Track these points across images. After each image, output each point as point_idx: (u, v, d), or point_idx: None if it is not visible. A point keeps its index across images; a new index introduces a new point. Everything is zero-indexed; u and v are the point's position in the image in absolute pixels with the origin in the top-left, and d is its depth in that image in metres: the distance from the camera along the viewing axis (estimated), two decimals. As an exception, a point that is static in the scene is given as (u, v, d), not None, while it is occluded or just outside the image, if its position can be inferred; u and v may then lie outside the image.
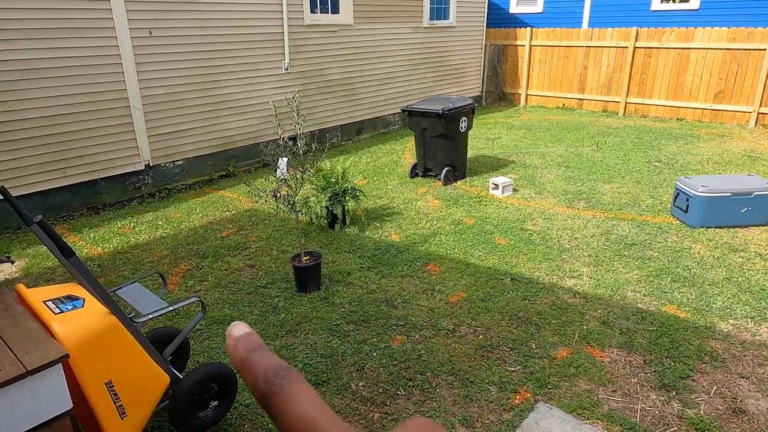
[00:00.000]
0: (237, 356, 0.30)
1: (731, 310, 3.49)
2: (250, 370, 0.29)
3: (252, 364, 0.29)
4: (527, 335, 3.25)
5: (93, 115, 5.42)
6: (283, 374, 0.29)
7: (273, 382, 0.28)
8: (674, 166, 6.76)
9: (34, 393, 1.66)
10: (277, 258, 4.36)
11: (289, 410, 0.27)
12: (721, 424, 2.54)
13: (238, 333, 0.31)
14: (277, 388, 0.28)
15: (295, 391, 0.28)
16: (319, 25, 7.59)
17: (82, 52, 5.22)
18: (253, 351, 0.30)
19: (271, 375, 0.28)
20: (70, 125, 5.26)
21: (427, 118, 5.95)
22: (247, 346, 0.30)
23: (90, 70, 5.30)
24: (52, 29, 4.98)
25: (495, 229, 4.89)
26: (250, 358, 0.29)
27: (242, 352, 0.30)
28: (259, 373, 0.29)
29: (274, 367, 0.29)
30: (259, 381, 0.28)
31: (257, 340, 0.31)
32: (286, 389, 0.28)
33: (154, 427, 2.54)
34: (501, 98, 11.84)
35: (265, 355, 0.30)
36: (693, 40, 9.21)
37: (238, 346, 0.30)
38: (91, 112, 5.40)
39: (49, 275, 4.15)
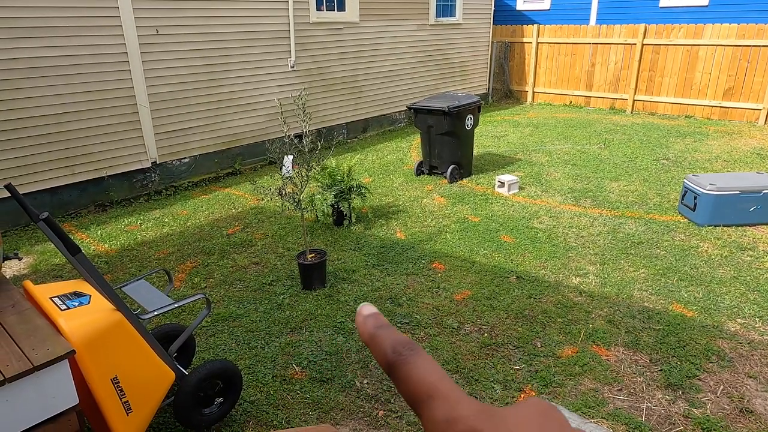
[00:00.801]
0: (366, 332, 0.33)
1: (739, 309, 3.46)
2: (379, 343, 0.32)
3: (381, 338, 0.33)
4: (532, 333, 3.24)
5: (100, 113, 5.45)
6: (409, 347, 0.32)
7: (401, 352, 0.31)
8: (682, 163, 6.71)
9: (40, 388, 1.67)
10: (282, 255, 4.37)
11: (415, 377, 0.30)
12: (728, 423, 2.52)
13: (367, 312, 0.35)
14: (404, 358, 0.31)
15: (420, 361, 0.31)
16: (325, 22, 7.58)
17: (90, 50, 5.25)
18: (381, 327, 0.33)
19: (399, 347, 0.32)
20: (77, 123, 5.30)
21: (433, 116, 5.94)
22: (376, 323, 0.34)
23: (97, 68, 5.33)
24: (60, 27, 5.01)
25: (501, 227, 4.87)
26: (379, 333, 0.33)
27: (371, 328, 0.33)
28: (388, 345, 0.32)
29: (402, 341, 0.32)
30: (388, 352, 0.32)
31: (384, 320, 0.34)
32: (413, 359, 0.31)
33: (159, 423, 2.56)
34: (507, 96, 11.79)
35: (392, 331, 0.33)
36: (702, 37, 9.12)
37: (368, 323, 0.34)
38: (98, 110, 5.43)
39: (56, 272, 4.18)
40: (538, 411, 0.29)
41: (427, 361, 0.31)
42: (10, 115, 4.84)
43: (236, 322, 3.43)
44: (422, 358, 0.31)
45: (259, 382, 2.86)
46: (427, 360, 0.31)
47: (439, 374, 0.30)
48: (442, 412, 0.28)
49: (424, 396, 0.29)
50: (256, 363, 3.02)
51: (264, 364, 3.00)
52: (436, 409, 0.29)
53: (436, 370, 0.31)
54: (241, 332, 3.31)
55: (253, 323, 3.41)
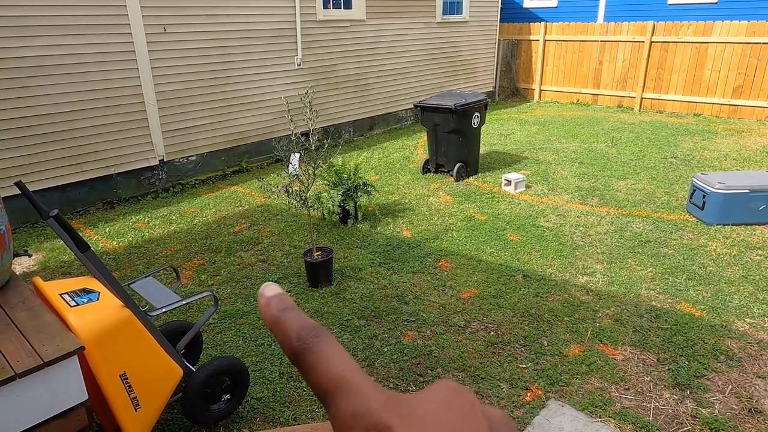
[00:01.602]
0: (269, 315, 0.31)
1: (748, 308, 3.44)
2: (283, 328, 0.30)
3: (284, 323, 0.30)
4: (539, 332, 3.23)
5: (108, 111, 5.48)
6: (315, 333, 0.29)
7: (305, 340, 0.29)
8: (690, 162, 6.66)
9: (50, 384, 1.69)
10: (289, 253, 4.38)
11: (321, 367, 0.28)
12: (736, 424, 2.51)
13: (270, 293, 0.32)
14: (309, 346, 0.29)
15: (326, 348, 0.29)
16: (332, 20, 7.58)
17: (98, 49, 5.28)
18: (286, 310, 0.31)
19: (303, 333, 0.29)
20: (85, 121, 5.33)
21: (440, 114, 5.93)
22: (279, 305, 0.31)
23: (105, 66, 5.36)
24: (68, 26, 5.04)
25: (507, 225, 4.86)
26: (283, 317, 0.30)
27: (275, 311, 0.31)
28: (292, 331, 0.29)
29: (307, 327, 0.30)
30: (292, 339, 0.29)
31: (289, 301, 0.31)
32: (318, 347, 0.29)
33: (167, 419, 2.58)
34: (514, 94, 11.74)
35: (297, 315, 0.30)
36: (711, 34, 9.04)
37: (271, 305, 0.31)
38: (106, 107, 5.46)
39: (65, 269, 4.21)
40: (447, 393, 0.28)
41: (335, 349, 0.29)
42: (19, 113, 4.88)
43: (243, 319, 3.45)
44: (329, 345, 0.29)
45: (265, 379, 2.87)
46: (335, 348, 0.29)
47: (346, 364, 0.28)
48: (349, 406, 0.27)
49: (331, 388, 0.27)
50: (262, 360, 3.03)
51: (271, 361, 3.02)
52: (343, 402, 0.27)
53: (343, 359, 0.28)
54: (248, 329, 3.33)
55: (259, 320, 3.42)
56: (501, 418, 0.28)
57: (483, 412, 0.27)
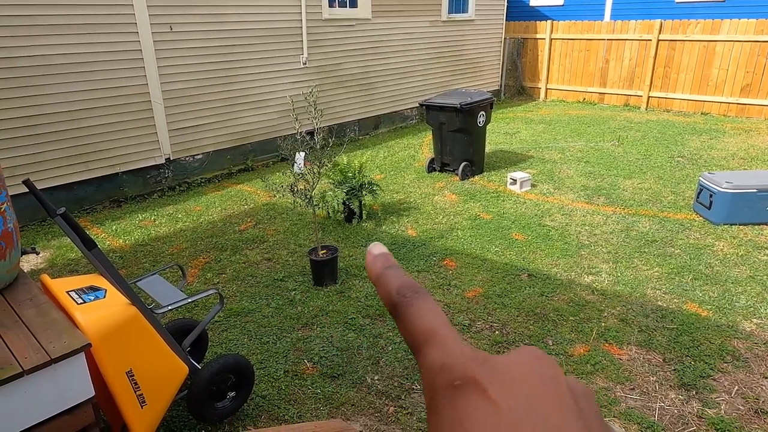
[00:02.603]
0: (374, 271, 0.33)
1: (755, 308, 3.41)
2: (386, 283, 0.32)
3: (388, 278, 0.32)
4: (544, 331, 3.23)
5: (115, 110, 5.51)
6: (414, 289, 0.31)
7: (405, 294, 0.31)
8: (698, 161, 6.62)
9: (57, 381, 1.70)
10: (294, 252, 4.39)
11: (416, 319, 0.30)
12: (743, 424, 2.49)
13: (377, 251, 0.34)
14: (408, 299, 0.31)
15: (423, 303, 0.31)
16: (338, 19, 7.59)
17: (105, 48, 5.30)
18: (390, 268, 0.33)
19: (404, 289, 0.31)
20: (92, 120, 5.36)
21: (445, 113, 5.92)
22: (384, 263, 0.33)
23: (112, 65, 5.39)
24: (75, 25, 5.07)
25: (512, 224, 4.85)
26: (387, 273, 0.33)
27: (380, 268, 0.33)
28: (393, 286, 0.32)
29: (408, 283, 0.32)
30: (393, 293, 0.31)
31: (393, 260, 0.34)
32: (416, 302, 0.31)
33: (173, 416, 2.59)
34: (520, 92, 11.70)
35: (399, 273, 0.33)
36: (719, 32, 8.97)
37: (377, 262, 0.34)
38: (113, 106, 5.49)
39: (72, 266, 4.24)
40: (530, 357, 0.29)
41: (430, 305, 0.31)
42: (27, 111, 4.92)
43: (248, 317, 3.46)
44: (425, 302, 0.31)
45: (270, 377, 2.88)
46: (430, 305, 0.31)
47: (439, 320, 0.30)
48: (438, 356, 0.28)
49: (422, 340, 0.29)
50: (267, 358, 3.04)
51: (276, 359, 3.03)
52: (432, 354, 0.28)
53: (437, 315, 0.30)
54: (253, 327, 3.34)
55: (265, 318, 3.44)
56: (584, 389, 0.29)
57: (566, 380, 0.28)
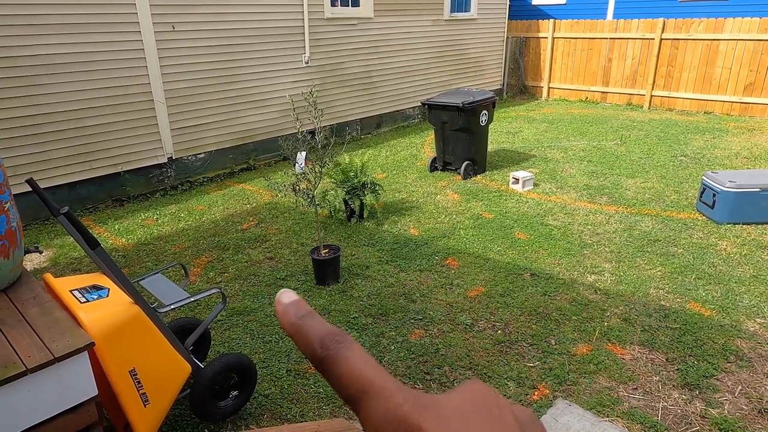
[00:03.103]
0: (288, 322, 0.31)
1: (758, 308, 3.40)
2: (304, 335, 0.30)
3: (305, 330, 0.30)
4: (546, 331, 3.22)
5: (117, 109, 5.52)
6: (338, 339, 0.29)
7: (329, 346, 0.29)
8: (701, 160, 6.60)
9: (61, 379, 1.71)
10: (296, 251, 4.39)
11: (347, 372, 0.28)
12: (746, 424, 2.48)
13: (287, 300, 0.32)
14: (333, 352, 0.29)
15: (350, 354, 0.29)
16: (340, 18, 7.58)
17: (107, 47, 5.31)
18: (305, 317, 0.30)
19: (326, 340, 0.29)
20: (95, 119, 5.37)
21: (447, 112, 5.91)
22: (298, 312, 0.31)
23: (114, 64, 5.40)
24: (78, 24, 5.08)
25: (515, 223, 4.84)
26: (303, 324, 0.30)
27: (293, 318, 0.30)
28: (314, 338, 0.29)
29: (329, 333, 0.30)
30: (315, 346, 0.29)
31: (307, 307, 0.31)
32: (342, 353, 0.29)
33: (176, 415, 2.60)
34: (522, 91, 11.68)
35: (317, 321, 0.30)
36: (722, 31, 8.94)
37: (289, 312, 0.31)
38: (115, 105, 5.50)
39: (75, 265, 4.25)
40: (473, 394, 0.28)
41: (359, 353, 0.29)
42: (30, 110, 4.92)
43: (251, 316, 3.46)
44: (353, 350, 0.29)
45: (273, 376, 2.88)
46: (359, 352, 0.29)
47: (372, 368, 0.28)
48: (379, 407, 0.27)
49: (359, 392, 0.28)
50: (270, 357, 3.04)
51: (278, 359, 3.03)
52: (372, 404, 0.27)
53: (368, 362, 0.29)
54: (256, 326, 3.34)
55: (267, 318, 3.44)
56: (529, 418, 0.28)
57: (511, 411, 0.28)
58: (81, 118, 5.27)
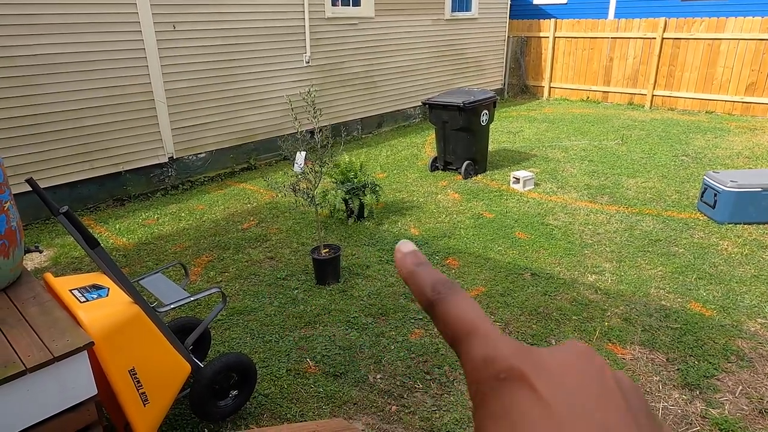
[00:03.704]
0: (405, 268, 0.33)
1: (759, 308, 3.40)
2: (418, 280, 0.32)
3: (420, 276, 0.32)
4: (547, 331, 3.22)
5: (118, 109, 5.52)
6: (448, 285, 0.31)
7: (440, 290, 0.31)
8: (702, 160, 6.59)
9: (60, 379, 1.71)
10: (296, 250, 4.39)
11: (455, 315, 0.30)
12: (747, 425, 2.48)
13: (406, 249, 0.34)
14: (443, 296, 0.31)
15: (459, 299, 0.30)
16: (340, 17, 7.58)
17: (108, 47, 5.31)
18: (421, 265, 0.32)
19: (438, 285, 0.31)
20: (95, 118, 5.37)
21: (448, 111, 5.91)
22: (415, 260, 0.33)
23: (115, 64, 5.40)
24: (79, 24, 5.08)
25: (515, 223, 4.84)
26: (418, 270, 0.32)
27: (410, 265, 0.33)
28: (427, 283, 0.31)
29: (441, 280, 0.32)
30: (427, 290, 0.31)
31: (423, 257, 0.33)
32: (452, 297, 0.30)
33: (176, 415, 2.60)
34: (523, 91, 11.67)
35: (431, 270, 0.32)
36: (724, 31, 8.92)
37: (407, 260, 0.33)
38: (116, 105, 5.50)
39: (76, 265, 4.26)
40: (576, 352, 0.28)
41: (466, 299, 0.31)
42: (30, 110, 4.93)
43: (251, 315, 3.46)
44: (461, 296, 0.31)
45: (273, 376, 2.88)
46: (466, 298, 0.31)
47: (478, 313, 0.30)
48: (481, 349, 0.28)
49: (463, 334, 0.29)
50: (270, 357, 3.04)
51: (278, 358, 3.03)
52: (475, 347, 0.28)
53: (475, 308, 0.30)
54: (256, 326, 3.34)
55: (267, 317, 3.44)
56: (631, 384, 0.29)
57: (614, 376, 0.28)
58: (81, 117, 5.27)
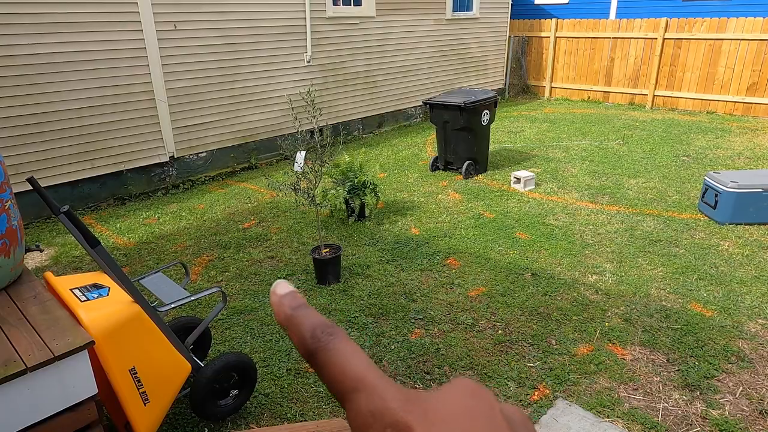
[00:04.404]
0: (282, 313, 0.31)
1: (760, 309, 3.39)
2: (296, 326, 0.30)
3: (298, 321, 0.30)
4: (547, 331, 3.22)
5: (119, 108, 5.53)
6: (329, 331, 0.29)
7: (320, 338, 0.29)
8: (703, 160, 6.58)
9: (61, 378, 1.71)
10: (297, 250, 4.39)
11: (337, 365, 0.28)
12: (747, 425, 2.48)
13: (282, 291, 0.32)
14: (323, 344, 0.28)
15: (342, 347, 0.28)
16: (342, 17, 7.58)
17: (109, 46, 5.32)
18: (298, 308, 0.30)
19: (318, 331, 0.29)
20: (96, 117, 5.38)
21: (449, 111, 5.91)
22: (292, 303, 0.31)
23: (116, 63, 5.40)
24: (80, 23, 5.08)
25: (516, 223, 4.84)
26: (296, 315, 0.30)
27: (287, 309, 0.30)
28: (306, 329, 0.29)
29: (321, 324, 0.29)
30: (306, 337, 0.29)
31: (301, 299, 0.31)
32: (333, 345, 0.28)
33: (176, 414, 2.60)
34: (524, 91, 11.67)
35: (310, 313, 0.30)
36: (725, 31, 8.91)
37: (283, 303, 0.31)
38: (117, 104, 5.50)
39: (76, 264, 4.26)
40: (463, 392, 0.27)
41: (350, 347, 0.28)
42: (31, 109, 4.93)
43: (251, 315, 3.46)
44: (344, 343, 0.29)
45: (273, 375, 2.88)
46: (350, 346, 0.29)
47: (362, 362, 0.28)
48: (367, 403, 0.26)
49: (348, 387, 0.27)
50: (270, 356, 3.05)
51: (278, 358, 3.03)
52: (361, 400, 0.26)
53: (359, 357, 0.28)
54: (257, 326, 3.35)
55: (268, 317, 3.44)
56: (520, 418, 0.28)
57: (502, 411, 0.27)
58: (83, 116, 5.27)
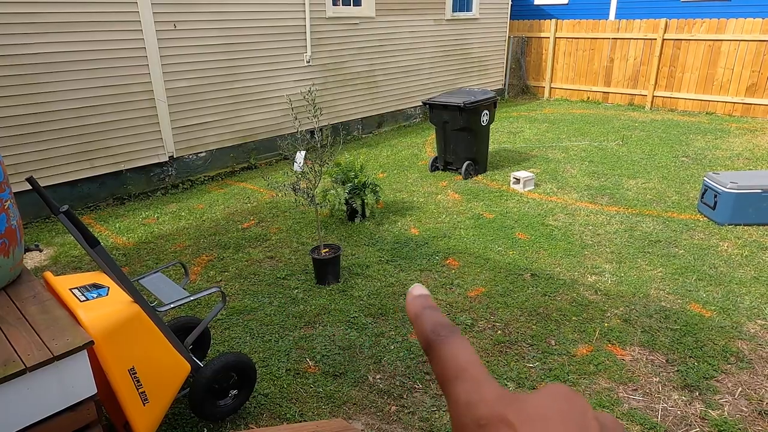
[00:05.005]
0: (413, 310, 0.35)
1: (759, 310, 3.40)
2: (422, 322, 0.34)
3: (425, 317, 0.34)
4: (547, 331, 3.22)
5: (119, 108, 5.52)
6: (448, 329, 0.33)
7: (439, 332, 0.33)
8: (702, 161, 6.59)
9: (60, 378, 1.71)
10: (296, 250, 4.39)
11: (447, 357, 0.32)
12: (746, 426, 2.48)
13: (417, 292, 0.37)
14: (441, 338, 0.33)
15: (455, 342, 0.32)
16: (342, 17, 7.58)
17: (109, 46, 5.31)
18: (428, 308, 0.35)
19: (438, 327, 0.33)
20: (96, 117, 5.37)
21: (449, 111, 5.91)
22: (423, 304, 0.36)
23: (116, 63, 5.40)
24: (79, 23, 5.08)
25: (515, 224, 4.84)
26: (424, 313, 0.35)
27: (419, 308, 0.35)
28: (429, 325, 0.34)
29: (443, 323, 0.34)
30: (428, 331, 0.33)
31: (432, 302, 0.36)
32: (449, 341, 0.32)
33: (175, 414, 2.60)
34: (524, 91, 11.67)
35: (436, 313, 0.35)
36: (725, 32, 8.92)
37: (416, 302, 0.36)
38: (117, 104, 5.50)
39: (76, 263, 4.26)
40: (559, 397, 0.29)
41: (462, 343, 0.32)
42: (31, 109, 4.93)
43: (251, 315, 3.46)
44: (458, 340, 0.32)
45: (272, 376, 2.88)
46: (462, 343, 0.32)
47: (470, 357, 0.31)
48: (466, 394, 0.29)
49: (452, 377, 0.30)
50: (270, 356, 3.04)
51: (278, 358, 3.03)
52: (459, 390, 0.30)
53: (469, 354, 0.32)
54: (256, 326, 3.34)
55: (267, 317, 3.44)
56: (614, 424, 0.30)
57: (596, 417, 0.29)
58: (82, 116, 5.27)
